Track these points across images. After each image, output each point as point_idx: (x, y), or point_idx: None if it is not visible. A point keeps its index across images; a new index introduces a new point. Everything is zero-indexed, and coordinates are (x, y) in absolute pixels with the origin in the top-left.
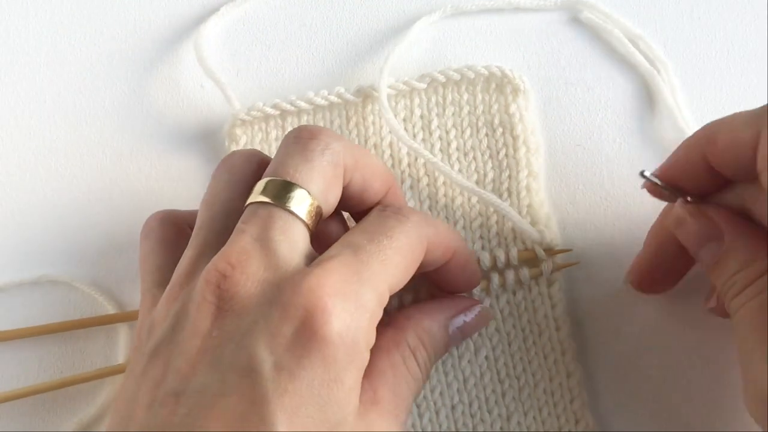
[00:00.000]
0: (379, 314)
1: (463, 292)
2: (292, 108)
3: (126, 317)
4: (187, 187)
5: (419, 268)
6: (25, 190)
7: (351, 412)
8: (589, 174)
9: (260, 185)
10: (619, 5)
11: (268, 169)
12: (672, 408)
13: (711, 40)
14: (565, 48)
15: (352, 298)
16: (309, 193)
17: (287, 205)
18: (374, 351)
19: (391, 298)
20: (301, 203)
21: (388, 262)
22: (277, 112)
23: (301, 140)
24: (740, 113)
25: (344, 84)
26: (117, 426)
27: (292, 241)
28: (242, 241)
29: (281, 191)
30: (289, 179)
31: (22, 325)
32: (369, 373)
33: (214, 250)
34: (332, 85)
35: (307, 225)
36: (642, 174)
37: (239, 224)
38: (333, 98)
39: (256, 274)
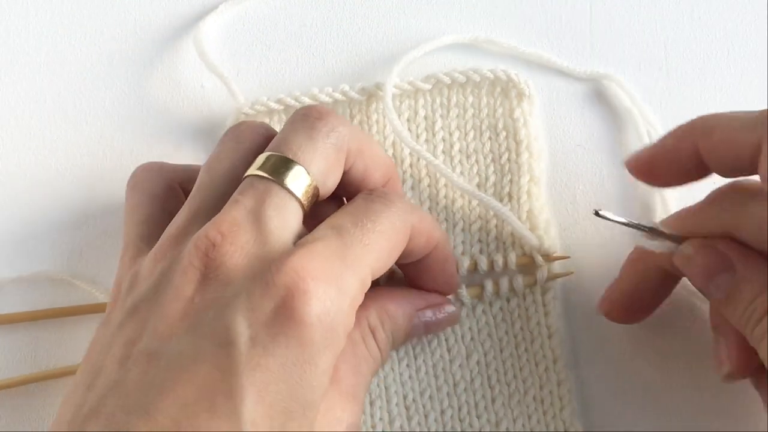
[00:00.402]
0: (360, 299)
1: (442, 293)
2: (296, 103)
3: None
4: None
5: (402, 257)
6: (25, 190)
7: (321, 395)
8: (589, 174)
9: (261, 158)
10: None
11: (272, 143)
12: (665, 417)
13: (711, 40)
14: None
15: (334, 282)
16: (308, 173)
17: (284, 182)
18: None
19: None
20: (298, 182)
21: (371, 245)
22: (281, 107)
23: (308, 119)
24: (739, 114)
25: (345, 84)
26: (86, 375)
27: (285, 218)
28: (235, 212)
29: (281, 167)
30: (290, 156)
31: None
32: None
33: (209, 214)
34: (333, 84)
35: (302, 204)
36: (597, 213)
37: (235, 195)
38: (337, 95)
39: (244, 247)
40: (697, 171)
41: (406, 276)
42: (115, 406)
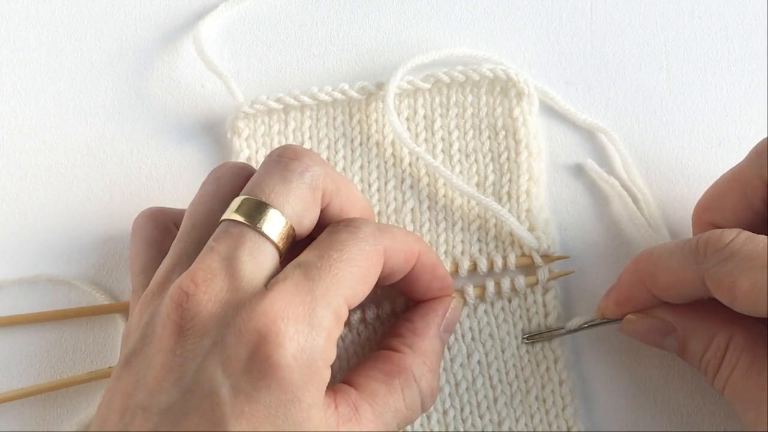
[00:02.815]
0: (338, 330)
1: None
2: (296, 102)
3: (122, 308)
4: (187, 182)
5: (386, 279)
6: (25, 190)
7: (311, 428)
8: (590, 175)
9: (236, 202)
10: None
11: (247, 186)
12: (665, 416)
13: (711, 40)
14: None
15: (305, 319)
16: (282, 215)
17: (259, 225)
18: (375, 373)
19: (366, 309)
20: (273, 225)
21: (340, 275)
22: (281, 107)
23: (282, 160)
24: (674, 249)
25: (344, 83)
26: (98, 424)
27: (259, 262)
28: (209, 260)
29: (255, 211)
30: (264, 199)
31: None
32: (360, 391)
33: (190, 261)
34: (334, 84)
35: (277, 246)
36: (525, 339)
37: (210, 241)
38: (337, 94)
39: (218, 295)
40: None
41: (401, 293)
42: None
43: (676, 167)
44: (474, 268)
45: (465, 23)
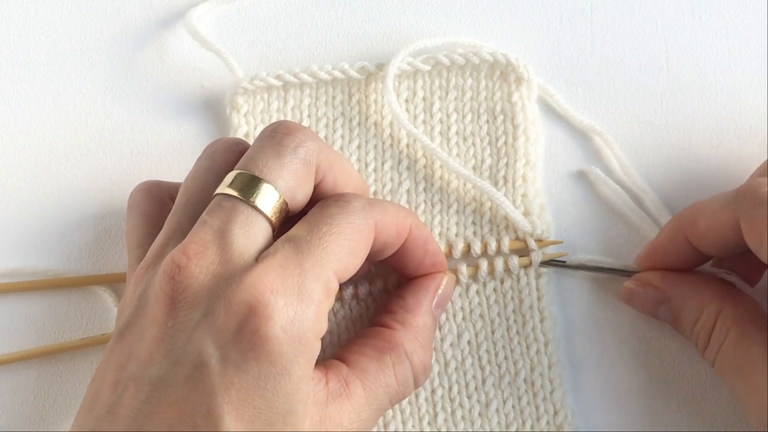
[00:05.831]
0: (328, 303)
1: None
2: (295, 80)
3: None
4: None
5: (378, 254)
6: (25, 190)
7: (300, 401)
8: (592, 177)
9: (229, 177)
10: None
11: (241, 161)
12: (655, 403)
13: (711, 40)
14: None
15: (294, 291)
16: (276, 189)
17: (252, 199)
18: (366, 349)
19: (359, 286)
20: (266, 199)
21: (330, 248)
22: (280, 84)
23: (276, 135)
24: (717, 196)
25: (344, 62)
26: (90, 396)
27: (251, 236)
28: (202, 233)
29: (248, 185)
30: (257, 174)
31: (23, 325)
32: (351, 367)
33: (185, 235)
34: (334, 63)
35: (270, 220)
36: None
37: (203, 215)
38: (337, 73)
39: (209, 267)
40: (697, 258)
41: (394, 269)
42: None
43: (676, 168)
44: (468, 250)
45: (464, 23)
